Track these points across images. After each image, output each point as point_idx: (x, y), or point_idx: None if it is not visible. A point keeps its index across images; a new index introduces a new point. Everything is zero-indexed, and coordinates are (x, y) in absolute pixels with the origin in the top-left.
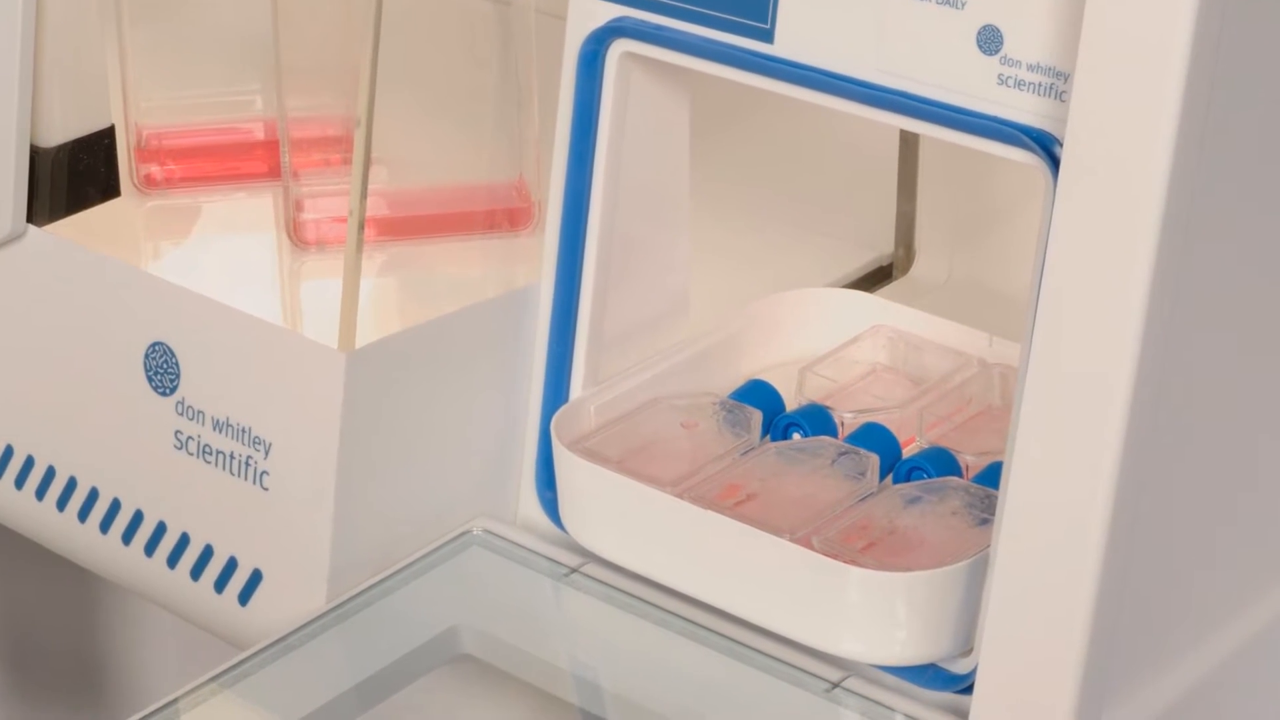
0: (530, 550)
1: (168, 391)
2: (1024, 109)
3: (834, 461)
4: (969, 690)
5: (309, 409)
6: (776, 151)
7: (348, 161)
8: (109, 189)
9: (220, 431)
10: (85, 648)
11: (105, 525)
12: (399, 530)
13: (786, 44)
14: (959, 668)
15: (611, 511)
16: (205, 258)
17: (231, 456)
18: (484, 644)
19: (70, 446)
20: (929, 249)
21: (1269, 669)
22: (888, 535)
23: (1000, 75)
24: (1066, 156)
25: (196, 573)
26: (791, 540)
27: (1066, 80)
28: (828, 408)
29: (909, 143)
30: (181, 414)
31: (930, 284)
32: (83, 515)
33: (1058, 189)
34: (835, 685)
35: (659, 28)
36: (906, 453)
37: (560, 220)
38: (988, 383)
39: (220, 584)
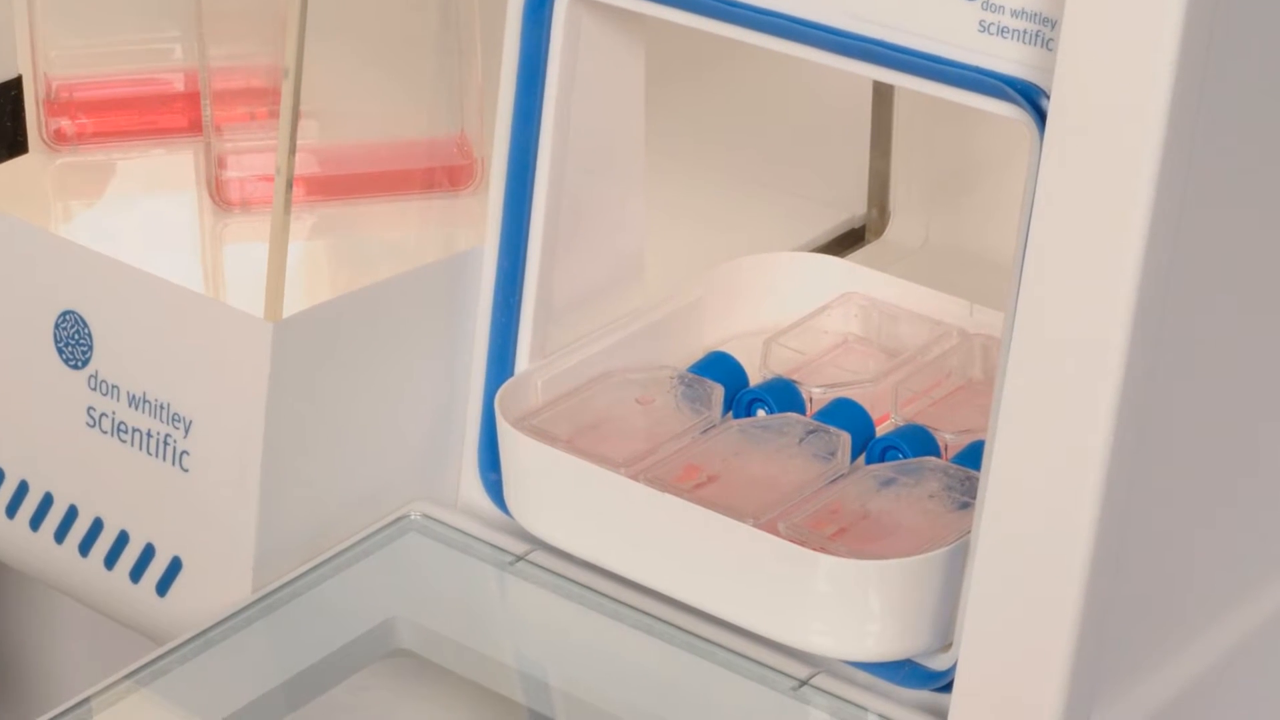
0: (472, 536)
1: (79, 365)
2: (1008, 58)
3: (802, 440)
4: (948, 688)
5: (233, 383)
6: (739, 104)
7: (275, 115)
8: (15, 145)
9: (136, 408)
10: None
11: (11, 510)
12: (330, 515)
13: None
14: (937, 664)
15: (560, 494)
16: (120, 219)
17: (149, 435)
18: (422, 638)
19: None
20: (904, 210)
21: (1270, 666)
22: (860, 520)
23: (982, 22)
24: (1054, 109)
25: (111, 561)
26: (755, 526)
27: (1054, 27)
28: (795, 382)
29: (883, 95)
30: (94, 389)
31: (906, 247)
32: None
33: (1044, 144)
34: (803, 683)
35: None
36: (880, 431)
37: (505, 179)
38: (968, 355)
39: (136, 573)
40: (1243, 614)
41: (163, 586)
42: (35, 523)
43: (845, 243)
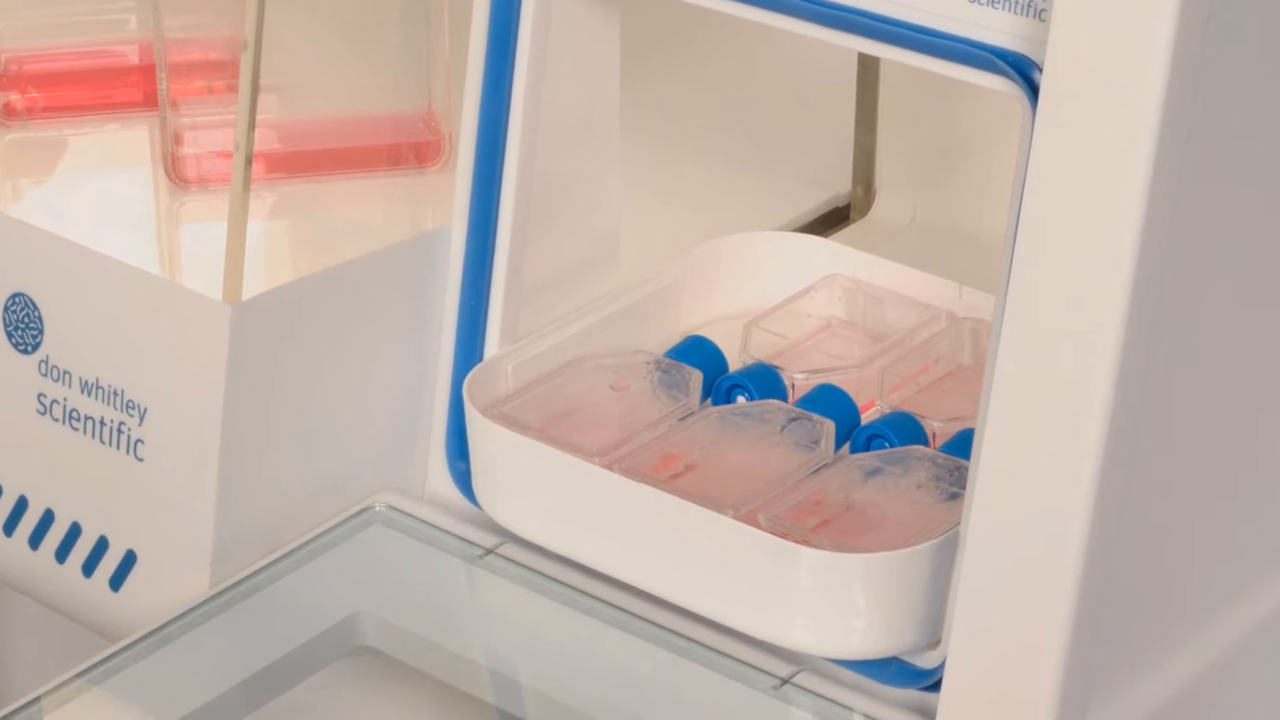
0: (440, 529)
1: (29, 349)
2: (998, 29)
3: (784, 428)
4: (936, 687)
5: (189, 369)
6: (719, 78)
7: (233, 89)
8: None
9: (89, 394)
10: None
11: None
12: (291, 507)
13: None
14: (925, 661)
15: (531, 485)
16: (72, 198)
17: (102, 423)
18: (387, 635)
19: None
20: (891, 187)
21: (1271, 665)
22: (844, 512)
23: None
24: (1046, 83)
25: (62, 554)
26: (735, 517)
27: None
28: (777, 367)
29: (868, 68)
30: (45, 375)
31: (892, 227)
32: None
33: (1036, 119)
34: (785, 681)
35: None
36: (866, 418)
37: (474, 155)
38: (957, 339)
39: (89, 567)
40: (1243, 610)
41: (116, 581)
42: None
43: (829, 222)
